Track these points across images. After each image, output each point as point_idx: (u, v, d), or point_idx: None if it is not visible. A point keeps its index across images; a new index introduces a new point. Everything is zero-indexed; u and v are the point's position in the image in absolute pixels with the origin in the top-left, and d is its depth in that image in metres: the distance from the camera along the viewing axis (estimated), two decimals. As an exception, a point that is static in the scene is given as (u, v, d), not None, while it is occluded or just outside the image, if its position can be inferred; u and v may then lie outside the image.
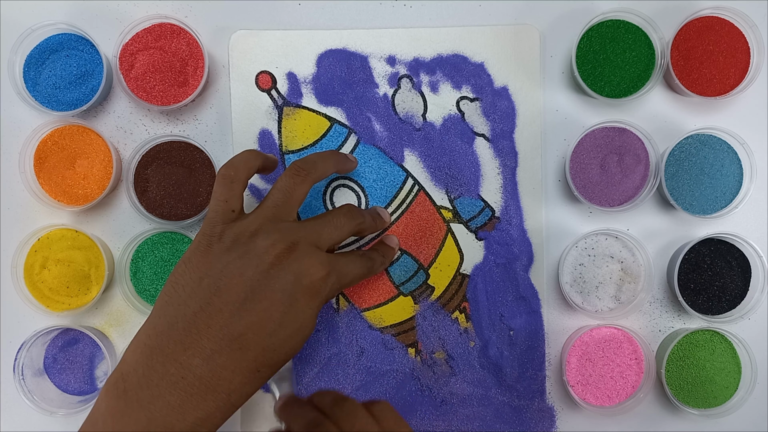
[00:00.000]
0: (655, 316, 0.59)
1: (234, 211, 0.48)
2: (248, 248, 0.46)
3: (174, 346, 0.43)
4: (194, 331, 0.43)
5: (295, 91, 0.59)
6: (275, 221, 0.47)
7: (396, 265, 0.58)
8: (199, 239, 0.47)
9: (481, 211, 0.59)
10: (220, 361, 0.43)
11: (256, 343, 0.44)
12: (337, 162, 0.53)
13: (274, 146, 0.58)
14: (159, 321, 0.44)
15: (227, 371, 0.43)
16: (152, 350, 0.43)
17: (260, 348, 0.44)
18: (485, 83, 0.59)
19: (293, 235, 0.47)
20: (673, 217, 0.60)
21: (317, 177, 0.50)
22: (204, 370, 0.43)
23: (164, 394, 0.42)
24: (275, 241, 0.46)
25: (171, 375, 0.43)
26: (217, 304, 0.44)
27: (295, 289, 0.45)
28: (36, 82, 0.57)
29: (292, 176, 0.49)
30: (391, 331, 0.58)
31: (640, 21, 0.58)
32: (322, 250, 0.48)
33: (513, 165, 0.59)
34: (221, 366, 0.43)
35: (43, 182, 0.57)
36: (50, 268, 0.57)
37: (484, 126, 0.59)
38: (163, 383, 0.42)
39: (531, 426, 0.58)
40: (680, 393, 0.57)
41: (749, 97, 0.59)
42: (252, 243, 0.46)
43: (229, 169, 0.49)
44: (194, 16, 0.59)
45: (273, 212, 0.48)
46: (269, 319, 0.44)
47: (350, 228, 0.51)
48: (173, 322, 0.44)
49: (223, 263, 0.45)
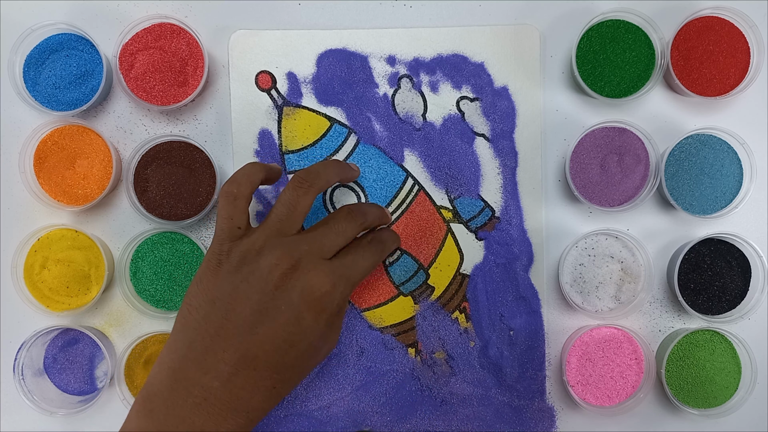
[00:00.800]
0: (655, 316, 0.59)
1: (240, 228, 0.48)
2: (253, 268, 0.46)
3: (194, 370, 0.45)
4: (211, 353, 0.45)
5: (294, 91, 0.59)
6: (280, 236, 0.48)
7: (396, 265, 0.58)
8: (209, 258, 0.48)
9: (481, 211, 0.59)
10: (238, 382, 0.45)
11: (269, 364, 0.45)
12: (340, 171, 0.53)
13: (273, 146, 0.58)
14: (179, 343, 0.46)
15: (245, 392, 0.45)
16: (174, 372, 0.45)
17: (274, 367, 0.46)
18: (485, 83, 0.59)
19: (296, 251, 0.47)
20: (673, 217, 0.60)
21: (320, 188, 0.50)
22: (223, 392, 0.45)
23: (188, 415, 0.44)
24: (279, 259, 0.47)
25: (194, 397, 0.44)
26: (230, 327, 0.45)
27: (301, 306, 0.46)
28: (36, 82, 0.57)
29: (295, 188, 0.49)
30: (391, 331, 0.58)
31: (640, 21, 0.57)
32: (328, 258, 0.49)
33: (513, 165, 0.59)
34: (239, 387, 0.45)
35: (43, 182, 0.57)
36: (50, 268, 0.57)
37: (484, 126, 0.59)
38: (187, 405, 0.44)
39: (531, 426, 0.58)
40: (680, 393, 0.57)
41: (749, 97, 0.59)
42: (257, 263, 0.47)
43: (232, 185, 0.49)
44: (194, 16, 0.59)
45: (278, 227, 0.48)
46: (279, 340, 0.46)
47: (353, 230, 0.51)
48: (192, 344, 0.46)
49: (232, 285, 0.46)
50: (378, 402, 0.58)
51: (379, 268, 0.58)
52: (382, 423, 0.58)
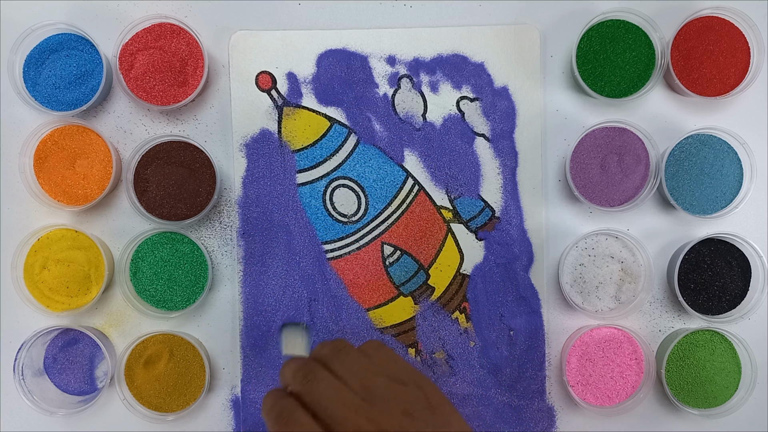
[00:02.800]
0: (655, 316, 0.59)
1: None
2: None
3: None
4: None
5: (295, 91, 0.59)
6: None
7: (396, 265, 0.58)
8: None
9: (481, 211, 0.59)
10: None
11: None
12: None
13: (274, 146, 0.58)
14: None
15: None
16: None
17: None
18: (485, 83, 0.59)
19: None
20: (673, 217, 0.60)
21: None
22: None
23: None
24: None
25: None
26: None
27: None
28: (36, 82, 0.57)
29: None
30: (392, 332, 0.58)
31: (640, 21, 0.57)
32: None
33: (513, 165, 0.59)
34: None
35: (43, 182, 0.57)
36: (50, 268, 0.57)
37: (484, 126, 0.59)
38: None
39: (531, 426, 0.58)
40: (680, 393, 0.57)
41: (749, 97, 0.59)
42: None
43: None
44: (194, 16, 0.59)
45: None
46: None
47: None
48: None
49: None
50: (378, 402, 0.58)
51: (379, 269, 0.58)
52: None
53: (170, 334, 0.57)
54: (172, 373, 0.57)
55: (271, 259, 0.58)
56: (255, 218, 0.59)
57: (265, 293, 0.58)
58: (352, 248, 0.58)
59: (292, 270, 0.58)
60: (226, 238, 0.59)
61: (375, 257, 0.58)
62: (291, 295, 0.58)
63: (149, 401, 0.57)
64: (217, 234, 0.59)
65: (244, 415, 0.58)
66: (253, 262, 0.58)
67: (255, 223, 0.58)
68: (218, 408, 0.59)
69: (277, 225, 0.58)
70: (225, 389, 0.59)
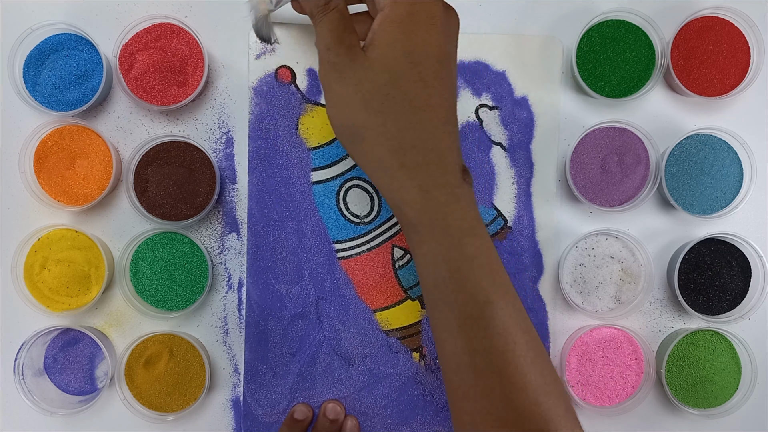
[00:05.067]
0: (655, 316, 0.59)
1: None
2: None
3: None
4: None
5: (314, 88, 0.58)
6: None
7: (405, 268, 0.58)
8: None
9: (494, 220, 0.59)
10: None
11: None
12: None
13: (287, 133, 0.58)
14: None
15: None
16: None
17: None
18: (505, 92, 0.59)
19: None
20: (673, 217, 0.60)
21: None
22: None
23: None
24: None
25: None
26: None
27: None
28: (36, 82, 0.57)
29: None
30: (397, 335, 0.58)
31: (640, 21, 0.57)
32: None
33: (528, 176, 0.59)
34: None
35: (43, 182, 0.57)
36: (50, 268, 0.57)
37: (502, 135, 0.59)
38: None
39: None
40: (680, 393, 0.57)
41: (749, 97, 0.59)
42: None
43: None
44: (194, 16, 0.59)
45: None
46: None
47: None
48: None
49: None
50: (379, 404, 0.58)
51: (388, 272, 0.58)
52: (383, 425, 0.58)
53: (170, 334, 0.57)
54: (172, 373, 0.57)
55: (280, 255, 0.58)
56: (265, 213, 0.58)
57: (272, 289, 0.58)
58: (363, 249, 0.58)
59: (302, 267, 0.58)
60: (227, 236, 0.59)
61: (385, 259, 0.58)
62: (299, 292, 0.58)
63: (149, 401, 0.57)
64: (217, 234, 0.59)
65: (244, 414, 0.58)
66: (259, 257, 0.58)
67: (264, 217, 0.58)
68: (218, 408, 0.59)
69: (288, 221, 0.58)
70: (225, 389, 0.59)
